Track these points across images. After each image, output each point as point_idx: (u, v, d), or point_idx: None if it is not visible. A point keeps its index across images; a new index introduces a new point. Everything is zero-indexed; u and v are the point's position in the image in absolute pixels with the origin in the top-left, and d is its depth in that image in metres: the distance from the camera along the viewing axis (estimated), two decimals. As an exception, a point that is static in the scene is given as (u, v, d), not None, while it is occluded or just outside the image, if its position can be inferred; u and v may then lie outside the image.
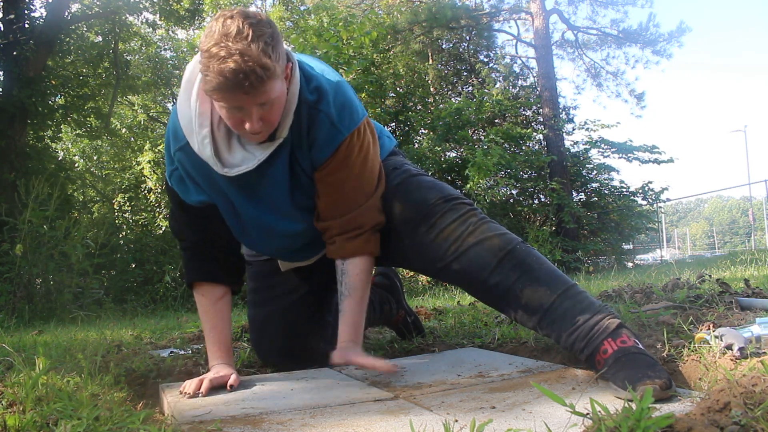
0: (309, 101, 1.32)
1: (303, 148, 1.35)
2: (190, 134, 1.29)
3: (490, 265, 1.32)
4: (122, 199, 11.90)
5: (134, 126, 13.59)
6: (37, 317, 4.44)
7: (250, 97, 1.15)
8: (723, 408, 0.84)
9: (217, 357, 1.45)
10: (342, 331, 1.43)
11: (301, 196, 1.42)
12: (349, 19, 10.32)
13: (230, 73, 1.10)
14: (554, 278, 1.32)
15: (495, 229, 1.37)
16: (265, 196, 1.39)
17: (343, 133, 1.34)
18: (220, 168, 1.29)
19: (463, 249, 1.34)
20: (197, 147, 1.29)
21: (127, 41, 11.21)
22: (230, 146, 1.30)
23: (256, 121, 1.19)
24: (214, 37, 1.12)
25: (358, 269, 1.43)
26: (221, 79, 1.11)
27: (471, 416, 0.98)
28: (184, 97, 1.30)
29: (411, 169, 1.52)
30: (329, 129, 1.33)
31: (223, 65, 1.10)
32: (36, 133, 8.39)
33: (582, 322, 1.24)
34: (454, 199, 1.42)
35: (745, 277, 2.78)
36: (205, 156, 1.29)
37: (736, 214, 63.77)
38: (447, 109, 11.59)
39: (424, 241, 1.38)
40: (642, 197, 12.80)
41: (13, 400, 1.04)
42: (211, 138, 1.27)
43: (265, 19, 1.18)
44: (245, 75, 1.11)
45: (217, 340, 1.46)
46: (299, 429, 1.01)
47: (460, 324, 2.32)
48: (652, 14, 16.58)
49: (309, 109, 1.32)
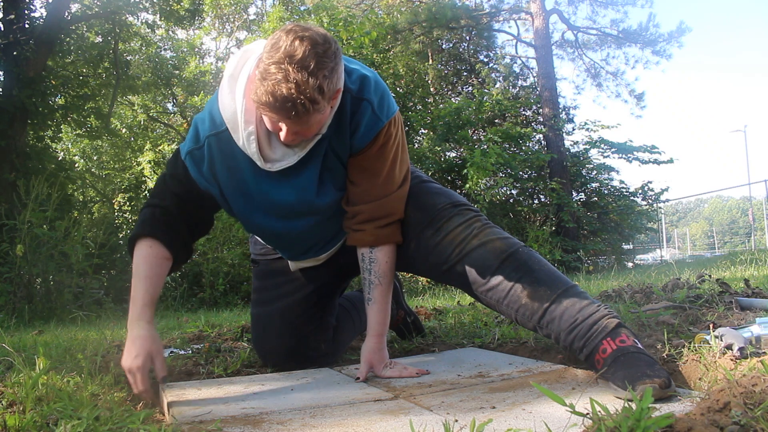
0: (352, 90, 1.35)
1: (343, 135, 1.37)
2: (235, 128, 1.31)
3: (492, 266, 1.35)
4: (122, 199, 11.89)
5: (134, 126, 13.59)
6: (37, 317, 4.43)
7: (291, 121, 1.19)
8: (723, 408, 0.84)
9: (143, 315, 1.38)
10: (374, 321, 1.45)
11: (329, 183, 1.44)
12: (348, 19, 10.33)
13: (281, 98, 1.13)
14: (554, 279, 1.33)
15: (498, 233, 1.41)
16: (294, 185, 1.40)
17: (383, 121, 1.38)
18: (262, 163, 1.32)
19: (466, 251, 1.38)
20: (242, 143, 1.31)
21: (127, 41, 11.19)
22: (270, 143, 1.33)
23: (291, 135, 1.23)
24: (278, 55, 1.13)
25: (387, 257, 1.45)
26: (270, 100, 1.14)
27: (471, 416, 0.98)
28: (227, 90, 1.32)
29: (421, 176, 1.58)
30: (371, 116, 1.36)
31: (276, 88, 1.13)
32: (36, 133, 8.38)
33: (581, 321, 1.25)
34: (461, 204, 1.47)
35: (745, 277, 2.78)
36: (250, 152, 1.31)
37: (736, 214, 63.77)
38: (447, 109, 11.59)
39: (429, 244, 1.43)
40: (642, 197, 12.81)
41: (13, 400, 1.04)
42: (256, 135, 1.30)
43: (333, 50, 1.18)
44: (293, 105, 1.14)
45: (149, 292, 1.39)
46: (299, 429, 1.01)
47: (460, 324, 2.32)
48: (652, 14, 16.55)
49: (352, 98, 1.35)
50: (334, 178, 1.43)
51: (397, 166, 1.44)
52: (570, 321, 1.26)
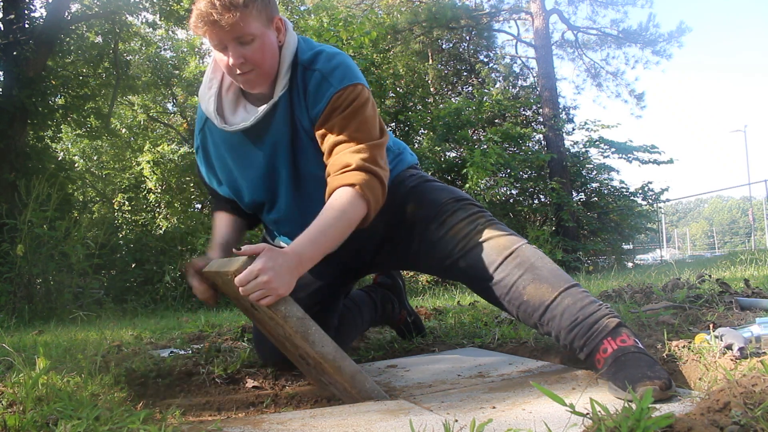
0: (304, 62, 1.41)
1: (301, 105, 1.42)
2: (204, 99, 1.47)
3: (496, 262, 1.35)
4: (122, 199, 11.89)
5: (134, 126, 13.57)
6: (37, 317, 4.43)
7: (224, 31, 1.28)
8: (723, 408, 0.84)
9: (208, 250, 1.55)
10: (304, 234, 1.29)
11: (304, 161, 1.45)
12: (348, 19, 10.32)
13: (204, 6, 1.27)
14: (557, 276, 1.33)
15: (502, 229, 1.42)
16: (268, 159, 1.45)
17: (334, 86, 1.37)
18: (219, 122, 1.43)
19: (470, 246, 1.38)
20: (204, 106, 1.45)
21: (127, 41, 11.18)
22: (235, 110, 1.45)
23: (237, 57, 1.31)
24: None
25: (336, 197, 1.31)
26: (197, 13, 1.28)
27: (471, 416, 0.98)
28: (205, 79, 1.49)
29: (424, 176, 1.60)
30: (320, 82, 1.39)
31: (200, 4, 1.28)
32: (36, 133, 8.37)
33: (582, 320, 1.25)
34: (465, 200, 1.48)
35: (745, 277, 2.78)
36: (208, 112, 1.44)
37: (736, 214, 63.76)
38: (447, 109, 11.58)
39: (433, 238, 1.43)
40: (642, 197, 12.80)
41: (13, 400, 1.04)
42: (216, 97, 1.44)
43: None
44: (214, 5, 1.26)
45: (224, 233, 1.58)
46: (299, 429, 1.01)
47: (460, 324, 2.32)
48: (652, 14, 16.57)
49: (304, 70, 1.40)
50: (305, 152, 1.45)
51: (360, 131, 1.36)
52: (571, 319, 1.26)
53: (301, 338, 1.19)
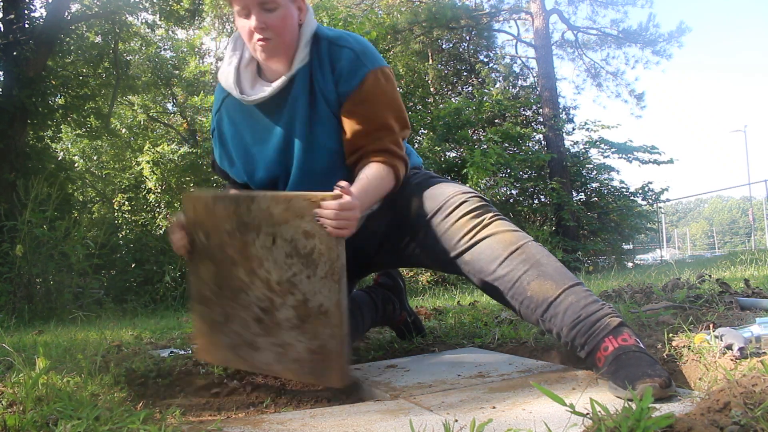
0: (330, 37, 1.45)
1: (326, 76, 1.44)
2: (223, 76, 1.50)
3: (501, 256, 1.35)
4: (122, 199, 11.89)
5: (134, 126, 13.57)
6: (37, 317, 4.43)
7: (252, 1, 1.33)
8: (723, 408, 0.84)
9: None
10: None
11: (322, 131, 1.47)
12: (348, 19, 10.32)
13: None
14: (561, 274, 1.33)
15: (508, 225, 1.42)
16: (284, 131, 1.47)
17: (368, 66, 1.43)
18: (237, 93, 1.46)
19: (476, 240, 1.38)
20: (224, 80, 1.49)
21: (127, 41, 11.18)
22: (254, 84, 1.48)
23: (260, 21, 1.35)
24: None
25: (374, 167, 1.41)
26: None
27: (471, 416, 0.98)
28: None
29: (429, 173, 1.62)
30: (354, 60, 1.43)
31: None
32: (36, 133, 8.37)
33: (584, 318, 1.25)
34: (471, 193, 1.48)
35: (745, 277, 2.77)
36: (227, 85, 1.47)
37: (736, 214, 63.77)
38: (447, 109, 11.58)
39: (438, 231, 1.43)
40: (642, 197, 12.80)
41: (13, 400, 1.04)
42: (235, 72, 1.47)
43: None
44: None
45: None
46: (299, 429, 1.01)
47: (460, 324, 2.32)
48: (652, 14, 16.53)
49: (330, 45, 1.45)
50: (323, 123, 1.46)
51: (391, 115, 1.46)
52: (573, 317, 1.26)
53: (338, 281, 1.26)
